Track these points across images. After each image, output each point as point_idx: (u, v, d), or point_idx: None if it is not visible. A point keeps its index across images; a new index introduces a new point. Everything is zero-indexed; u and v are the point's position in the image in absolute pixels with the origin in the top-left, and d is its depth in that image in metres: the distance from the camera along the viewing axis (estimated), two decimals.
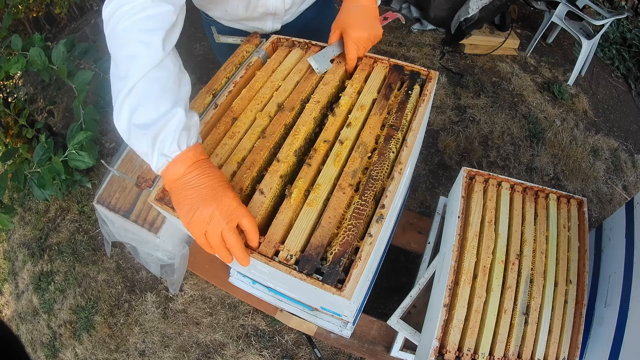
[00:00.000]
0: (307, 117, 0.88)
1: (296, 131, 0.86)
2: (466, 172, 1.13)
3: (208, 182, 0.67)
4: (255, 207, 0.76)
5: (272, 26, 1.20)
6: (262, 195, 0.77)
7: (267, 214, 0.79)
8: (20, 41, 1.57)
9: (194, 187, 0.67)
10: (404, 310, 1.24)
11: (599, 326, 0.99)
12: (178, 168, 0.67)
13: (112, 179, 1.64)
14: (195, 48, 3.26)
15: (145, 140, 0.66)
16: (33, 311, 2.27)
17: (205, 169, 0.68)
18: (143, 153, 0.68)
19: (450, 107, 2.74)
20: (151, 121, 0.65)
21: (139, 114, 0.66)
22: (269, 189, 0.78)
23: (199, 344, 1.97)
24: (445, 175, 2.42)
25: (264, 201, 0.76)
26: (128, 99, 0.66)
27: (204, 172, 0.68)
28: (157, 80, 0.67)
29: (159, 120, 0.65)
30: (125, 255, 2.27)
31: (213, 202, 0.65)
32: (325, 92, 0.92)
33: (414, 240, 1.55)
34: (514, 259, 0.99)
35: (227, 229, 0.65)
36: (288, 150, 0.83)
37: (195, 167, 0.68)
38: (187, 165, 0.67)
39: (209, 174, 0.68)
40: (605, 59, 3.22)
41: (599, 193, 2.40)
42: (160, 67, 0.67)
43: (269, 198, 0.77)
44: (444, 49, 3.08)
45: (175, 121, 0.66)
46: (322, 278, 0.66)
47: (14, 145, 2.00)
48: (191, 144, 0.69)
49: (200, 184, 0.67)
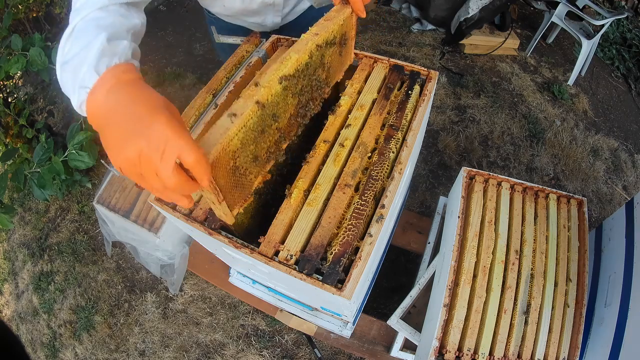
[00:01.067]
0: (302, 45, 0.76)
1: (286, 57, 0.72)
2: (466, 172, 1.13)
3: (132, 109, 0.50)
4: (216, 133, 0.59)
5: (273, 20, 1.18)
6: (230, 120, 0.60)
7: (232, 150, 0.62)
8: (20, 41, 1.57)
9: (115, 120, 0.51)
10: (404, 310, 1.24)
11: (599, 326, 0.99)
12: (96, 96, 0.54)
13: (112, 179, 1.65)
14: (195, 48, 3.26)
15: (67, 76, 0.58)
16: (33, 311, 2.27)
17: (130, 92, 0.53)
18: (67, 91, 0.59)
19: (450, 107, 2.74)
20: (74, 54, 0.58)
21: (68, 51, 0.59)
22: (240, 114, 0.62)
23: (199, 344, 1.97)
24: (445, 175, 2.42)
25: (229, 127, 0.59)
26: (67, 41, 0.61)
27: (127, 96, 0.52)
28: (94, 20, 0.61)
29: (81, 51, 0.57)
30: (125, 255, 2.27)
31: (139, 136, 0.48)
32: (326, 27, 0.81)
33: (414, 240, 1.55)
34: (514, 259, 0.99)
35: (162, 169, 0.48)
36: (272, 76, 0.69)
37: (115, 90, 0.53)
38: (106, 91, 0.53)
39: (134, 97, 0.52)
40: (605, 59, 3.22)
41: (599, 193, 2.40)
42: (102, 9, 0.63)
43: (237, 126, 0.61)
44: (444, 49, 3.08)
45: (96, 46, 0.56)
46: (322, 278, 0.66)
47: (14, 145, 2.00)
48: (112, 64, 0.56)
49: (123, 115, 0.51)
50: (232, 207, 0.68)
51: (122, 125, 0.50)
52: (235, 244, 0.72)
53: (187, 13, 3.55)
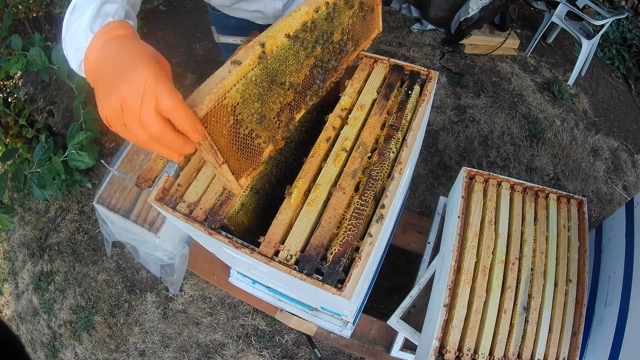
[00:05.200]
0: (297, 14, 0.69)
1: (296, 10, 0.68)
2: (466, 172, 1.13)
3: (118, 59, 0.50)
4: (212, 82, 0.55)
5: (274, 6, 1.17)
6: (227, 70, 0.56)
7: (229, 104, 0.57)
8: (20, 41, 1.57)
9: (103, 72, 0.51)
10: (404, 310, 1.24)
11: (599, 326, 0.99)
12: (90, 54, 0.54)
13: (112, 179, 1.65)
14: (195, 48, 3.26)
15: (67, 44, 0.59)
16: (33, 311, 2.27)
17: (119, 44, 0.52)
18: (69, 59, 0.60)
19: (450, 107, 2.74)
20: (72, 23, 0.59)
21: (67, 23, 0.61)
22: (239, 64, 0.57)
23: (199, 344, 1.97)
24: (445, 175, 2.42)
25: (225, 77, 0.55)
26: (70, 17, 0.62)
27: (116, 48, 0.52)
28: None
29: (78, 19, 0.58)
30: (125, 255, 2.27)
31: (121, 83, 0.47)
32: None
33: (414, 240, 1.55)
34: (514, 259, 0.99)
35: (143, 116, 0.47)
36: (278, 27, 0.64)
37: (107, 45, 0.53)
38: (98, 46, 0.53)
39: (121, 48, 0.51)
40: (605, 59, 3.22)
41: (599, 193, 2.40)
42: None
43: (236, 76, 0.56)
44: (444, 49, 3.08)
45: (89, 10, 0.57)
46: (322, 278, 0.66)
47: (14, 145, 2.00)
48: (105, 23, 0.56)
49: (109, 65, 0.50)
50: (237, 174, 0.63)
51: (108, 75, 0.49)
52: (235, 244, 0.72)
53: (187, 13, 3.55)
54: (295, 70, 0.70)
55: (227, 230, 0.75)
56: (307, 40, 0.70)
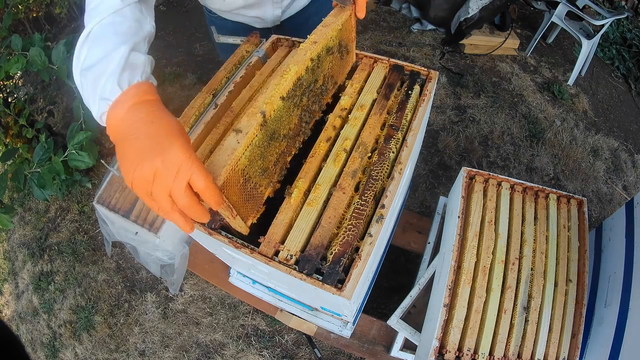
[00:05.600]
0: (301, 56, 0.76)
1: (285, 70, 0.73)
2: (466, 172, 1.13)
3: (151, 130, 0.54)
4: (224, 154, 0.61)
5: (273, 13, 1.18)
6: (236, 140, 0.62)
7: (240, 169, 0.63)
8: (20, 41, 1.57)
9: (134, 137, 0.54)
10: (404, 310, 1.24)
11: (599, 326, 0.99)
12: (117, 111, 0.56)
13: (112, 179, 1.64)
14: (195, 48, 3.26)
15: (87, 83, 0.59)
16: (33, 311, 2.27)
17: (150, 113, 0.56)
18: (87, 100, 0.61)
19: (450, 107, 2.74)
20: (95, 62, 0.59)
21: (87, 57, 0.61)
22: (245, 133, 0.63)
23: (199, 344, 1.98)
24: (445, 175, 2.42)
25: (236, 148, 0.61)
26: (84, 45, 0.62)
27: (147, 117, 0.55)
28: (111, 24, 0.63)
29: (101, 60, 0.59)
30: (125, 255, 2.27)
31: (156, 155, 0.51)
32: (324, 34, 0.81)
33: (414, 240, 1.55)
34: (514, 259, 0.99)
35: (175, 189, 0.52)
36: (274, 92, 0.70)
37: (136, 109, 0.56)
38: (127, 107, 0.56)
39: (153, 119, 0.55)
40: (605, 59, 3.22)
41: (599, 193, 2.40)
42: (117, 14, 0.64)
43: (244, 145, 0.63)
44: (444, 49, 3.07)
45: (117, 58, 0.58)
46: (322, 278, 0.66)
47: (14, 145, 2.00)
48: (134, 82, 0.59)
49: (141, 133, 0.54)
50: (246, 218, 0.71)
51: (140, 143, 0.53)
52: (235, 244, 0.72)
53: (187, 13, 3.55)
54: (287, 123, 0.76)
55: (227, 230, 0.75)
56: (297, 96, 0.77)
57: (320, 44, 0.79)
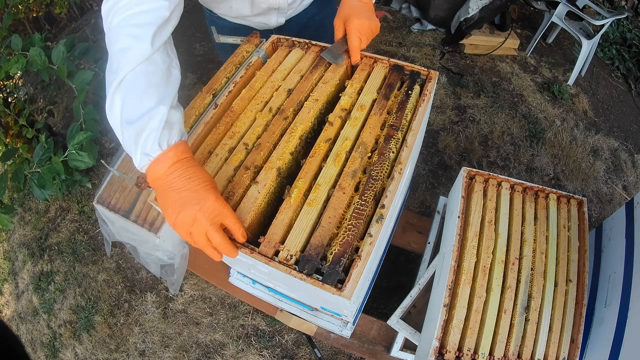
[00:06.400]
0: (305, 115, 0.88)
1: (293, 129, 0.86)
2: (466, 172, 1.13)
3: (190, 184, 0.67)
4: (248, 202, 0.76)
5: (277, 20, 1.21)
6: (257, 190, 0.78)
7: (260, 211, 0.78)
8: (20, 41, 1.57)
9: (175, 189, 0.67)
10: (404, 310, 1.24)
11: (599, 326, 0.99)
12: (159, 168, 0.67)
13: (112, 179, 1.64)
14: (195, 48, 3.26)
15: (129, 136, 0.66)
16: (33, 311, 2.26)
17: (187, 170, 0.68)
18: (127, 148, 0.69)
19: (450, 107, 2.74)
20: (135, 117, 0.65)
21: (127, 109, 0.66)
22: (263, 185, 0.78)
23: (199, 344, 1.97)
24: (445, 175, 2.42)
25: (257, 197, 0.77)
26: (118, 92, 0.66)
27: (185, 173, 0.67)
28: (144, 74, 0.67)
29: (142, 117, 0.65)
30: (125, 255, 2.27)
31: (195, 205, 0.66)
32: (325, 90, 0.92)
33: (414, 240, 1.55)
34: (514, 259, 0.99)
35: (211, 230, 0.67)
36: (284, 149, 0.83)
37: (176, 167, 0.67)
38: (168, 166, 0.67)
39: (190, 175, 0.67)
40: (605, 59, 3.22)
41: (599, 193, 2.40)
42: (149, 61, 0.68)
43: (263, 194, 0.77)
44: (444, 49, 3.08)
45: (158, 119, 0.66)
46: (322, 278, 0.66)
47: (14, 145, 2.00)
48: (172, 142, 0.68)
49: (181, 186, 0.67)
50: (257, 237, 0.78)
51: (181, 194, 0.67)
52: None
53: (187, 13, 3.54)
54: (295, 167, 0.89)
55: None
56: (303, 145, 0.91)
57: (321, 100, 0.90)
